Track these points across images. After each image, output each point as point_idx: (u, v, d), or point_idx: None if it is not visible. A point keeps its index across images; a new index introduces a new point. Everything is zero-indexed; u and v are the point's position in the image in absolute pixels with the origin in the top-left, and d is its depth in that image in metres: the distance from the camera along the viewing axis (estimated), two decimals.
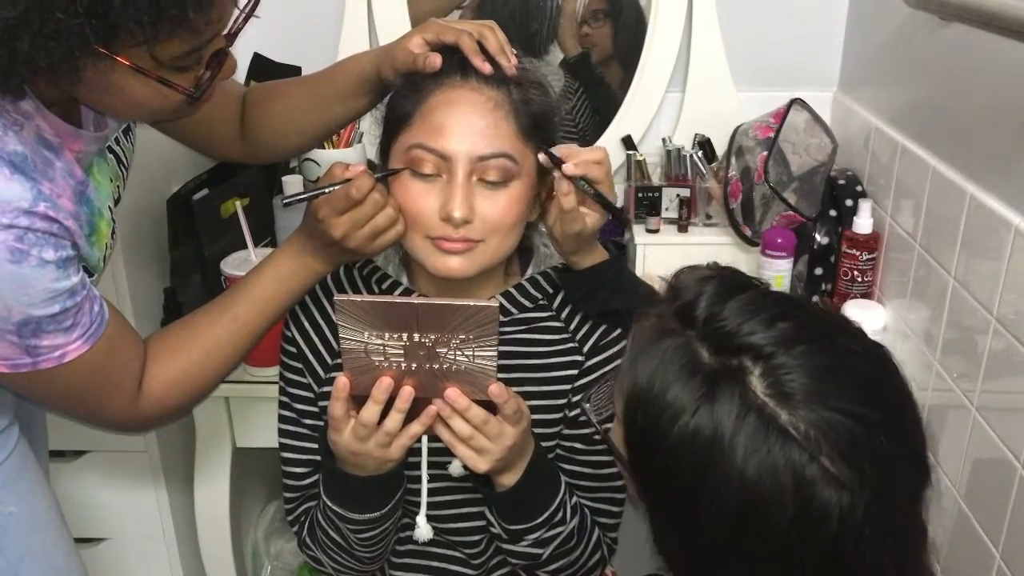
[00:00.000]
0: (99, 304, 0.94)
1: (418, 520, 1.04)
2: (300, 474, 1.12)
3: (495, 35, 0.99)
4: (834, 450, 0.59)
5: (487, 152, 0.95)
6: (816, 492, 0.59)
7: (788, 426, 0.59)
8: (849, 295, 1.54)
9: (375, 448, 0.93)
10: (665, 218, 1.72)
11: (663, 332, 0.66)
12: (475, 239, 0.97)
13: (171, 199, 1.48)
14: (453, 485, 1.07)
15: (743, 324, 0.63)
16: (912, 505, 0.62)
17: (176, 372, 1.01)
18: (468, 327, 0.86)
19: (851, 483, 0.59)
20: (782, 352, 0.61)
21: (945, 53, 1.31)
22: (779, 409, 0.60)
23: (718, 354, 0.63)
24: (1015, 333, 1.09)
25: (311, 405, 1.11)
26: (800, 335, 0.62)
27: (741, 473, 0.60)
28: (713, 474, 0.61)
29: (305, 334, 1.11)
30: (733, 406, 0.60)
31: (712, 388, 0.62)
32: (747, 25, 1.75)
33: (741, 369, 0.62)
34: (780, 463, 0.59)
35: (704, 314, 0.65)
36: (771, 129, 1.58)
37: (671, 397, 0.63)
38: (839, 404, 0.60)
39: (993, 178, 1.16)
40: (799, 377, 0.60)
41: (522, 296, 1.09)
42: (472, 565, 1.14)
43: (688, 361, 0.63)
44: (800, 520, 0.59)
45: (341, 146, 1.70)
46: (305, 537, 1.11)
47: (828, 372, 0.61)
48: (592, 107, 1.87)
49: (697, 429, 0.61)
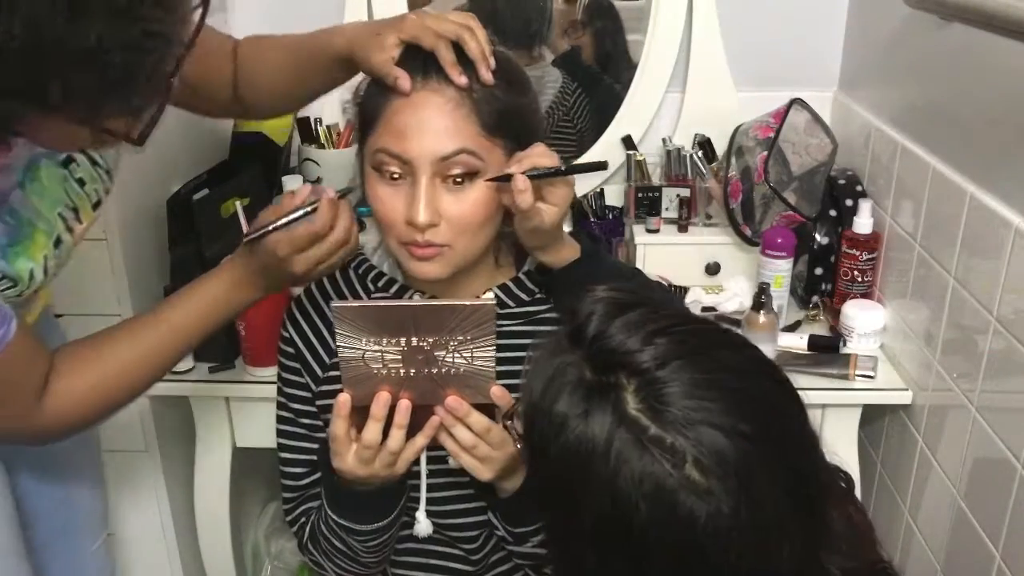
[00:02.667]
0: (3, 321, 0.89)
1: (418, 516, 1.04)
2: (298, 474, 1.12)
3: (475, 37, 0.95)
4: (700, 462, 0.61)
5: (448, 151, 0.94)
6: (679, 500, 0.61)
7: (654, 439, 0.62)
8: (849, 295, 1.54)
9: (381, 468, 0.93)
10: (665, 218, 1.72)
11: (555, 351, 0.69)
12: (440, 244, 0.96)
13: (171, 199, 1.48)
14: (452, 480, 1.07)
15: (625, 341, 0.66)
16: (792, 515, 0.64)
17: (83, 387, 0.97)
18: (465, 327, 0.85)
19: (716, 493, 0.61)
20: (656, 368, 0.64)
21: (945, 53, 1.31)
22: (649, 423, 0.63)
23: (599, 372, 0.66)
24: (1015, 333, 1.09)
25: (309, 405, 1.11)
26: (675, 351, 0.65)
27: (610, 482, 0.63)
28: (584, 483, 0.64)
29: (303, 334, 1.11)
30: (606, 420, 0.64)
31: (589, 404, 0.65)
32: (747, 25, 1.75)
33: (617, 385, 0.65)
34: (645, 472, 0.62)
35: (592, 332, 0.68)
36: (771, 129, 1.58)
37: (556, 412, 0.66)
38: (708, 417, 0.62)
39: (993, 178, 1.16)
40: (672, 392, 0.63)
41: (519, 290, 1.08)
42: (471, 561, 1.14)
43: (573, 379, 0.67)
44: (661, 527, 0.62)
45: (341, 146, 1.70)
46: (307, 542, 1.10)
47: (701, 386, 0.64)
48: (592, 106, 1.87)
49: (575, 441, 0.65)
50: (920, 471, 1.37)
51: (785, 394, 0.69)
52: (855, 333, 1.49)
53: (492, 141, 0.96)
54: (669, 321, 0.68)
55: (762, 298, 1.44)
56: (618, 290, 0.72)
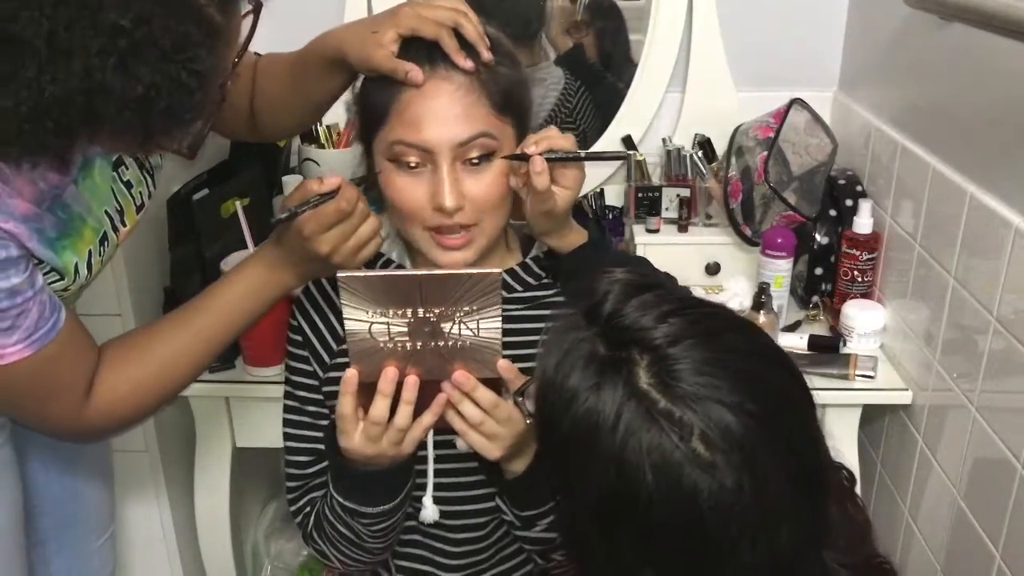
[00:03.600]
0: (53, 310, 0.91)
1: (424, 501, 1.04)
2: (303, 462, 1.12)
3: (470, 21, 0.98)
4: (706, 436, 0.63)
5: (466, 136, 0.97)
6: (683, 473, 0.63)
7: (664, 412, 0.63)
8: (849, 295, 1.54)
9: (388, 447, 0.93)
10: (665, 218, 1.72)
11: (570, 327, 0.71)
12: (469, 224, 0.99)
13: (171, 199, 1.48)
14: (459, 467, 1.07)
15: (639, 319, 0.68)
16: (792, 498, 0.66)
17: (129, 382, 0.98)
18: (471, 297, 0.86)
19: (721, 467, 0.62)
20: (669, 345, 0.66)
21: (945, 53, 1.31)
22: (659, 396, 0.64)
23: (613, 347, 0.67)
24: (1015, 333, 1.09)
25: (315, 393, 1.12)
26: (688, 331, 0.67)
27: (618, 455, 0.64)
28: (593, 455, 0.65)
29: (311, 322, 1.12)
30: (617, 392, 0.65)
31: (600, 377, 0.66)
32: (747, 25, 1.75)
33: (630, 360, 0.66)
34: (652, 445, 0.63)
35: (608, 311, 0.69)
36: (771, 129, 1.58)
37: (569, 385, 0.68)
38: (717, 394, 0.64)
39: (993, 178, 1.16)
40: (683, 369, 0.65)
41: (526, 274, 1.10)
42: (478, 551, 1.14)
43: (587, 353, 0.68)
44: (665, 498, 0.63)
45: (341, 146, 1.70)
46: (311, 531, 1.10)
47: (711, 365, 0.65)
48: (594, 106, 1.87)
49: (585, 414, 0.66)
50: (920, 471, 1.37)
51: (794, 382, 0.70)
52: (855, 333, 1.49)
53: (502, 120, 1.00)
54: (683, 303, 0.70)
55: (762, 298, 1.44)
56: (635, 273, 0.74)
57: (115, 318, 1.45)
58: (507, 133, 1.01)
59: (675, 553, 0.65)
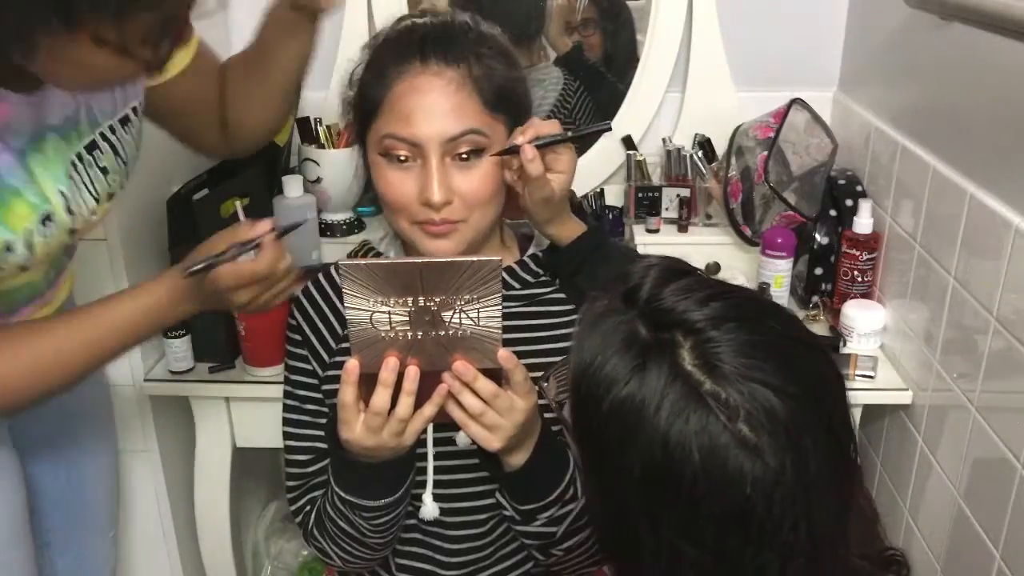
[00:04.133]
0: None
1: (424, 498, 1.04)
2: (303, 461, 1.12)
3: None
4: (752, 417, 0.63)
5: (456, 132, 0.98)
6: (730, 455, 0.63)
7: (710, 393, 0.64)
8: (849, 295, 1.54)
9: (389, 438, 0.93)
10: (665, 218, 1.72)
11: (608, 312, 0.71)
12: (456, 220, 1.01)
13: (171, 199, 1.48)
14: (458, 463, 1.07)
15: (679, 303, 0.68)
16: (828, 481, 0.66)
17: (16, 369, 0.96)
18: (472, 285, 0.86)
19: (765, 449, 0.63)
20: (711, 328, 0.66)
21: (945, 53, 1.31)
22: (704, 378, 0.64)
23: (655, 330, 0.67)
24: (1015, 333, 1.09)
25: (315, 391, 1.12)
26: (730, 314, 0.67)
27: (663, 436, 0.64)
28: (637, 437, 0.65)
29: (310, 320, 1.13)
30: (661, 374, 0.65)
31: (644, 359, 0.66)
32: (747, 25, 1.75)
33: (673, 342, 0.66)
34: (699, 427, 0.63)
35: (646, 295, 0.70)
36: (771, 129, 1.58)
37: (609, 368, 0.67)
38: (760, 376, 0.64)
39: (993, 178, 1.16)
40: (726, 351, 0.65)
41: (524, 272, 1.11)
42: (478, 548, 1.14)
43: (627, 336, 0.68)
44: (712, 480, 0.63)
45: (341, 146, 1.70)
46: (312, 529, 1.10)
47: (753, 347, 0.65)
48: (593, 105, 1.87)
49: (628, 396, 0.66)
50: (920, 471, 1.37)
51: (830, 367, 0.70)
52: (855, 333, 1.49)
53: (494, 117, 1.01)
54: (721, 288, 0.70)
55: None
56: (670, 258, 0.75)
57: None
58: (499, 131, 1.02)
59: (718, 534, 0.65)
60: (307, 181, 1.67)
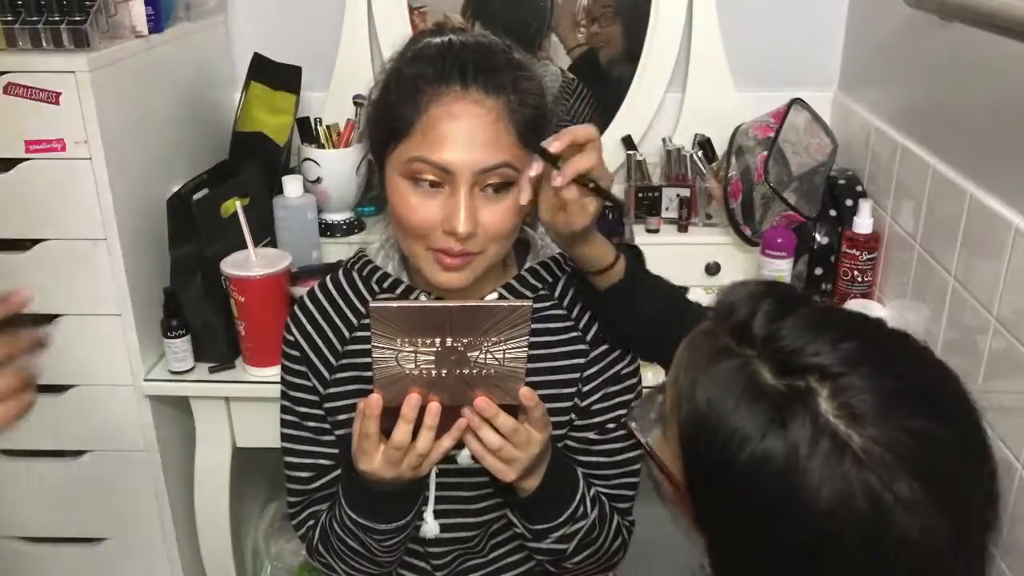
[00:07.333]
0: None
1: (425, 517, 1.04)
2: (305, 478, 1.11)
3: None
4: (910, 472, 0.57)
5: (491, 164, 0.94)
6: (895, 518, 0.56)
7: (862, 449, 0.57)
8: (849, 295, 1.54)
9: (407, 470, 0.92)
10: (665, 218, 1.72)
11: (719, 352, 0.63)
12: (475, 251, 0.97)
13: (171, 199, 1.48)
14: (456, 481, 1.07)
15: (807, 344, 0.60)
16: (983, 531, 0.61)
17: None
18: (501, 328, 0.85)
19: (929, 507, 0.57)
20: (849, 372, 0.59)
21: (945, 53, 1.31)
22: (851, 431, 0.57)
23: (782, 375, 0.60)
24: (1015, 333, 1.09)
25: (315, 408, 1.10)
26: (866, 355, 0.60)
27: (816, 499, 0.57)
28: (787, 502, 0.58)
29: (308, 337, 1.10)
30: (805, 430, 0.58)
31: (780, 412, 0.59)
32: (747, 25, 1.75)
33: (809, 391, 0.59)
34: (856, 488, 0.57)
35: (762, 332, 0.62)
36: (771, 129, 1.58)
37: (736, 422, 0.60)
38: (912, 424, 0.57)
39: (993, 178, 1.16)
40: (868, 397, 0.58)
41: (523, 287, 1.09)
42: (471, 563, 1.14)
43: (750, 383, 0.61)
44: (877, 547, 0.57)
45: (341, 146, 1.70)
46: (317, 545, 1.10)
47: (897, 393, 0.59)
48: (596, 105, 1.87)
49: (767, 455, 0.58)
50: None
51: (971, 400, 0.64)
52: None
53: (524, 151, 0.96)
54: (848, 323, 0.64)
55: None
56: (773, 283, 0.68)
57: (115, 318, 1.45)
58: (527, 164, 0.97)
59: None
60: (307, 181, 1.67)
